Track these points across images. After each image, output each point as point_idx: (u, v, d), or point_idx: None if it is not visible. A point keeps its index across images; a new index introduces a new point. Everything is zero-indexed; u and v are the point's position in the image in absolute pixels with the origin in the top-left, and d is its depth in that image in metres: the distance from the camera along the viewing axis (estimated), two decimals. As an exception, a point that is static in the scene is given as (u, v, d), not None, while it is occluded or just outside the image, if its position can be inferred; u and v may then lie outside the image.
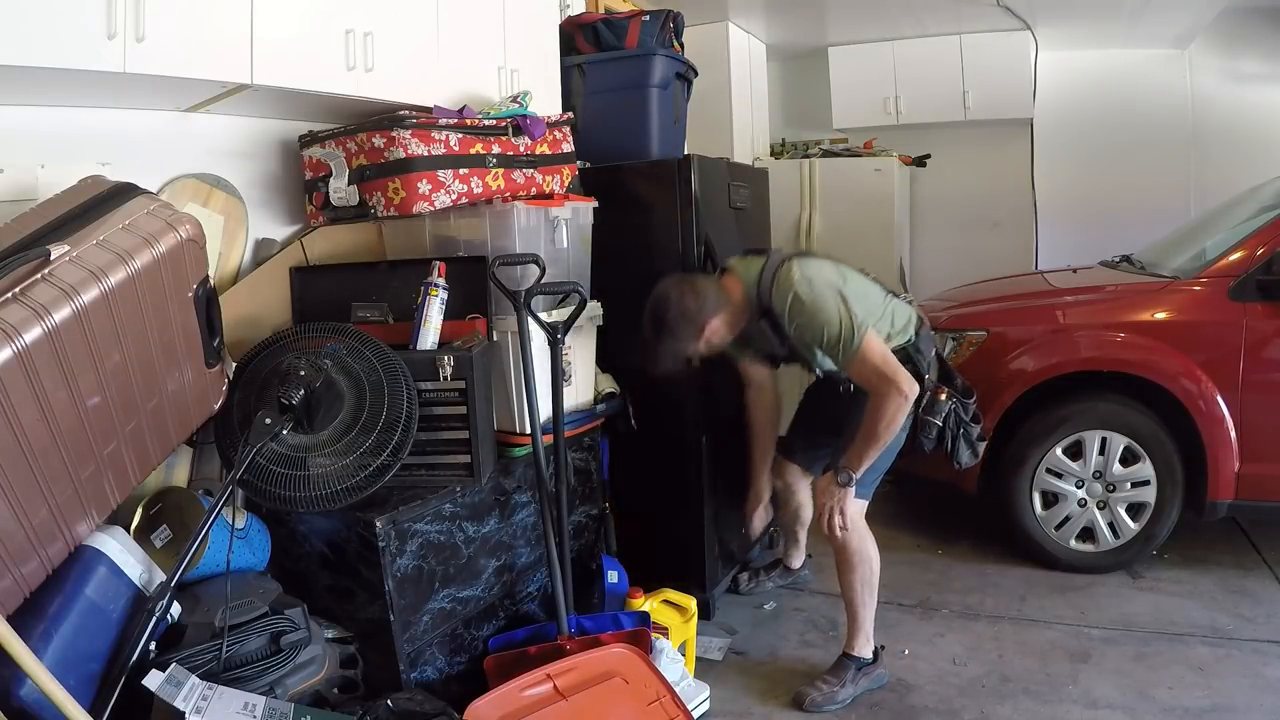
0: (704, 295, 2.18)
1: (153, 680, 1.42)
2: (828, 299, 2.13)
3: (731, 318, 2.24)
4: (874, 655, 2.34)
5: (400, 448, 1.83)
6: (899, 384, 2.09)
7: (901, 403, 2.10)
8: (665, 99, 2.83)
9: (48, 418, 1.35)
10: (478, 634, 2.12)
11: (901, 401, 2.10)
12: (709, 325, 2.19)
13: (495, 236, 2.25)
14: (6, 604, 1.37)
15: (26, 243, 1.44)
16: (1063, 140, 4.84)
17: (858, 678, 2.29)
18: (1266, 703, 2.18)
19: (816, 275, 2.18)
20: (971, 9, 4.27)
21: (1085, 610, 2.72)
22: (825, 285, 2.16)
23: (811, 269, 2.21)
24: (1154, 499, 2.88)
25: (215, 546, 1.75)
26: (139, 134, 2.00)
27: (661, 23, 2.84)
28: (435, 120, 2.15)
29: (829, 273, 2.22)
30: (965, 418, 2.31)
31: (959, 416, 2.29)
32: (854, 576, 2.29)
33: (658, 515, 2.69)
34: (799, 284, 2.15)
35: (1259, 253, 2.79)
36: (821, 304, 2.13)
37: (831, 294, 2.14)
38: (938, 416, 2.25)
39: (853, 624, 2.33)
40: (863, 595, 2.30)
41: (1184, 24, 4.36)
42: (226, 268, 2.18)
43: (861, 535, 2.29)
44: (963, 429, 2.30)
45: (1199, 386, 2.79)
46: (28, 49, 1.48)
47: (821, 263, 2.27)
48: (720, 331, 2.23)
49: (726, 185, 2.80)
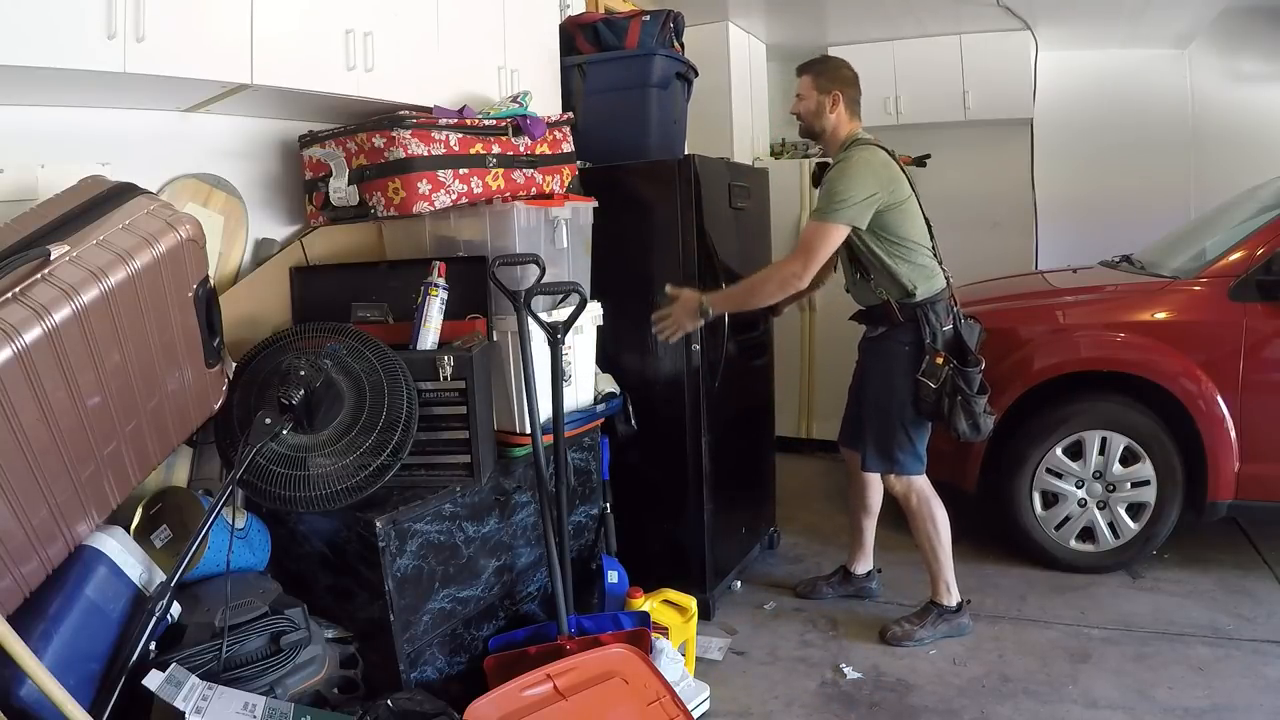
0: (855, 90, 2.50)
1: (153, 680, 1.42)
2: (864, 173, 2.32)
3: (840, 118, 2.48)
4: (958, 606, 2.56)
5: (400, 448, 1.83)
6: (805, 260, 2.31)
7: (791, 273, 2.33)
8: (665, 99, 2.83)
9: (48, 418, 1.35)
10: (478, 634, 2.12)
11: (792, 271, 2.33)
12: (840, 93, 2.46)
13: (495, 236, 2.25)
14: (6, 604, 1.36)
15: (26, 243, 1.44)
16: (1063, 140, 4.84)
17: (938, 622, 2.54)
18: (1266, 703, 2.18)
19: (874, 160, 2.37)
20: (971, 9, 4.27)
21: (1085, 610, 2.72)
22: (869, 169, 2.33)
23: (880, 159, 2.38)
24: (1154, 499, 2.88)
25: (215, 546, 1.75)
26: (139, 134, 2.00)
27: (662, 23, 2.84)
28: (435, 120, 2.15)
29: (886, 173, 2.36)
30: (965, 387, 2.33)
31: (956, 384, 2.33)
32: (919, 534, 2.55)
33: (658, 515, 2.69)
34: (862, 151, 2.38)
35: (1259, 253, 2.79)
36: (853, 171, 2.33)
37: (869, 175, 2.32)
38: (933, 379, 2.35)
39: (931, 574, 2.57)
40: (933, 548, 2.53)
41: (1184, 24, 4.36)
42: (226, 268, 2.18)
43: (922, 498, 2.50)
44: (960, 397, 2.34)
45: (1199, 386, 2.79)
46: (28, 49, 1.48)
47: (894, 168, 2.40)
48: (835, 110, 2.47)
49: (727, 185, 2.80)
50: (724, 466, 2.73)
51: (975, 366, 2.36)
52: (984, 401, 2.37)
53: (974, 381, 2.34)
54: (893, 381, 2.44)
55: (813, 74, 2.51)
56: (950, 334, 2.39)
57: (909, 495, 2.51)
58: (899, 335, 2.42)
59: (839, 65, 2.52)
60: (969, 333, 2.42)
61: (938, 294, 2.41)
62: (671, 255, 2.58)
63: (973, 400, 2.34)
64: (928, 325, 2.37)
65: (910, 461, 2.47)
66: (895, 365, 2.43)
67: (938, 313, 2.38)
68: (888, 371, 2.46)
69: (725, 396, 2.70)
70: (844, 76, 2.50)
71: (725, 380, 2.67)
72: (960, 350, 2.38)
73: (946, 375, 2.34)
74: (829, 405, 4.58)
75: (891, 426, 2.46)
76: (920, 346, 2.38)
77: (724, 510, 2.76)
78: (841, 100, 2.47)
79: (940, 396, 2.35)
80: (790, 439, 4.49)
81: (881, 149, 2.41)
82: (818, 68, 2.52)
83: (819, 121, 2.50)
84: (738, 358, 2.83)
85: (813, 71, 2.51)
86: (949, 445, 2.74)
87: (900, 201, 2.36)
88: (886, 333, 2.46)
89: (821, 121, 2.50)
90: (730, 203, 2.81)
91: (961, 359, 2.36)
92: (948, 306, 2.42)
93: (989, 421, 2.40)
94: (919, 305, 2.38)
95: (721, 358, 2.65)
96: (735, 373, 2.77)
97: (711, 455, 2.65)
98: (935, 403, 2.36)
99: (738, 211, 2.87)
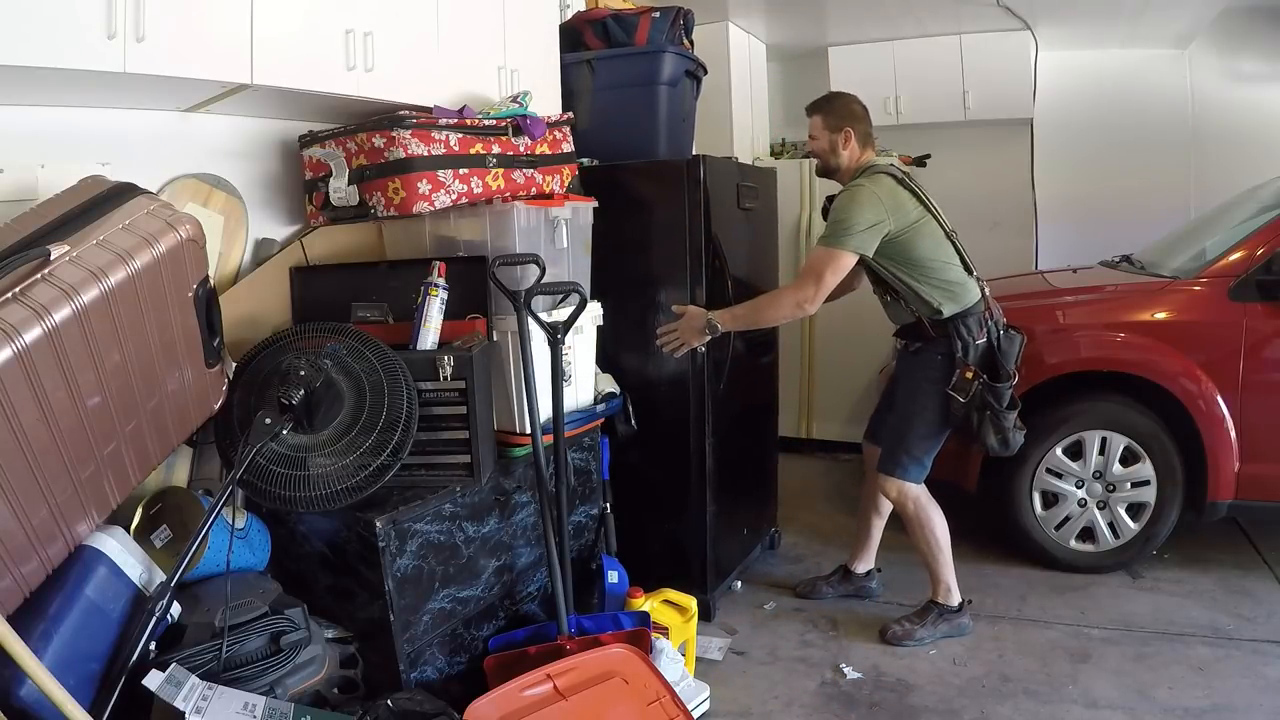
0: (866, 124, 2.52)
1: (153, 680, 1.42)
2: (867, 202, 2.32)
3: (852, 153, 2.50)
4: (959, 606, 2.57)
5: (400, 448, 1.83)
6: (808, 291, 2.33)
7: (794, 304, 2.36)
8: (674, 96, 2.82)
9: (48, 418, 1.35)
10: (478, 634, 2.12)
11: (795, 302, 2.36)
12: (851, 129, 2.48)
13: (495, 236, 2.25)
14: (6, 604, 1.36)
15: (26, 243, 1.44)
16: (1063, 140, 4.83)
17: (938, 622, 2.55)
18: (1266, 703, 2.18)
19: (880, 188, 2.36)
20: (971, 9, 4.27)
21: (1085, 610, 2.72)
22: (874, 198, 2.33)
23: (885, 187, 2.36)
24: (1154, 499, 2.88)
25: (215, 546, 1.75)
26: (139, 134, 2.00)
27: (672, 20, 2.83)
28: (435, 120, 2.15)
29: (892, 200, 2.35)
30: (994, 402, 2.35)
31: (985, 399, 2.35)
32: (918, 541, 2.56)
33: (658, 515, 2.69)
34: (866, 180, 2.38)
35: (1259, 253, 2.79)
36: (858, 200, 2.33)
37: (873, 204, 2.32)
38: (962, 394, 2.36)
39: (931, 575, 2.59)
40: (931, 551, 2.55)
41: (1184, 24, 4.36)
42: (226, 268, 2.18)
43: (919, 505, 2.51)
44: (989, 412, 2.36)
45: (1199, 386, 2.79)
46: (28, 49, 1.48)
47: (900, 195, 2.38)
48: (847, 146, 2.49)
49: (736, 186, 2.79)
50: (727, 466, 2.73)
51: (1006, 382, 2.36)
52: (1014, 417, 2.38)
53: (1004, 397, 2.36)
54: (920, 391, 2.46)
55: (822, 114, 2.53)
56: (983, 347, 2.39)
57: (905, 502, 2.52)
58: (931, 349, 2.44)
59: (848, 101, 2.54)
60: (1009, 344, 2.41)
61: (969, 308, 2.40)
62: (679, 256, 2.57)
63: (1002, 415, 2.35)
64: (959, 339, 2.37)
65: (913, 469, 2.48)
66: (925, 376, 2.45)
67: (969, 327, 2.38)
68: (918, 381, 2.48)
69: (730, 396, 2.70)
70: (853, 112, 2.51)
71: (730, 379, 2.67)
72: (992, 364, 2.39)
73: (976, 390, 2.35)
74: (829, 405, 4.59)
75: (906, 433, 2.48)
76: (951, 360, 2.38)
77: (726, 510, 2.76)
78: (854, 136, 2.49)
79: (969, 411, 2.36)
80: (791, 439, 4.49)
81: (891, 176, 2.41)
82: (826, 107, 2.53)
83: (833, 159, 2.53)
84: (743, 357, 2.83)
85: (822, 112, 2.53)
86: (950, 445, 2.74)
87: (911, 225, 2.35)
88: (922, 347, 2.48)
89: (836, 159, 2.52)
90: (738, 203, 2.80)
91: (993, 374, 2.37)
92: (980, 320, 2.40)
93: (1019, 437, 2.42)
94: (949, 321, 2.39)
95: (728, 358, 2.65)
96: (740, 371, 2.77)
97: (715, 455, 2.65)
98: (965, 417, 2.38)
99: (746, 212, 2.86)
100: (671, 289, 2.59)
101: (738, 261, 2.71)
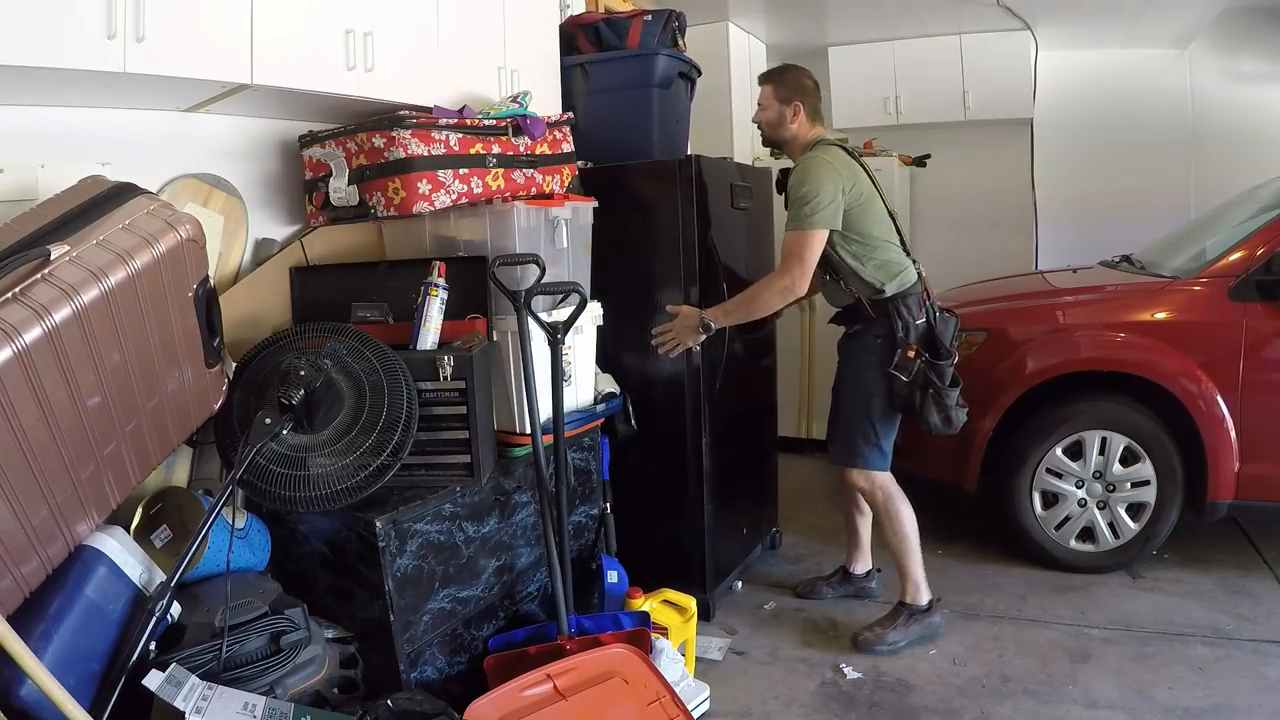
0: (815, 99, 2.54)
1: (153, 680, 1.42)
2: (824, 174, 2.34)
3: (801, 126, 2.52)
4: (928, 605, 2.51)
5: (400, 448, 1.83)
6: (793, 274, 2.34)
7: (781, 289, 2.36)
8: (668, 98, 2.83)
9: (48, 418, 1.35)
10: (478, 634, 2.12)
11: (782, 287, 2.36)
12: (801, 102, 2.50)
13: (495, 236, 2.25)
14: (6, 604, 1.36)
15: (26, 243, 1.44)
16: (1063, 140, 4.84)
17: (909, 623, 2.49)
18: (1266, 703, 2.18)
19: (835, 159, 2.38)
20: (971, 9, 4.27)
21: (1085, 610, 2.72)
22: (829, 169, 2.35)
23: (840, 159, 2.39)
24: (1154, 499, 2.88)
25: (215, 546, 1.75)
26: (139, 134, 2.00)
27: (664, 22, 2.84)
28: (435, 120, 2.15)
29: (848, 170, 2.38)
30: (937, 380, 2.36)
31: (928, 378, 2.36)
32: (886, 533, 2.53)
33: (658, 515, 2.69)
34: (819, 152, 2.40)
35: (1259, 253, 2.79)
36: (814, 174, 2.34)
37: (830, 175, 2.33)
38: (905, 373, 2.37)
39: (900, 574, 2.54)
40: (900, 548, 2.50)
41: (1184, 24, 4.36)
42: (226, 268, 2.18)
43: (887, 494, 2.50)
44: (932, 390, 2.36)
45: (1199, 386, 2.79)
46: (28, 49, 1.48)
47: (854, 167, 2.41)
48: (796, 119, 2.50)
49: (730, 186, 2.80)
50: (725, 466, 2.73)
51: (947, 360, 2.37)
52: (956, 394, 2.39)
53: (946, 374, 2.37)
54: (864, 374, 2.46)
55: (773, 84, 2.54)
56: (923, 327, 2.40)
57: (873, 491, 2.51)
58: (872, 330, 2.45)
59: (800, 74, 2.55)
60: (944, 325, 2.42)
61: (909, 288, 2.42)
62: (673, 255, 2.58)
63: (944, 393, 2.36)
64: (899, 319, 2.39)
65: (874, 456, 2.48)
66: (867, 359, 2.46)
67: (909, 307, 2.40)
68: (860, 365, 2.48)
69: (727, 396, 2.70)
70: (804, 86, 2.52)
71: (728, 380, 2.67)
72: (933, 343, 2.40)
73: (918, 369, 2.36)
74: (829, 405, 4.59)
75: (857, 419, 2.49)
76: (892, 341, 2.39)
77: (726, 510, 2.76)
78: (803, 110, 2.50)
79: (913, 390, 2.37)
80: (791, 439, 4.49)
81: (841, 148, 2.44)
82: (778, 78, 2.54)
83: (781, 131, 2.54)
84: (742, 358, 2.83)
85: (774, 82, 2.54)
86: (950, 445, 2.74)
87: (861, 199, 2.38)
88: (861, 329, 2.49)
89: (783, 131, 2.54)
90: (733, 203, 2.81)
91: (934, 352, 2.38)
92: (920, 300, 2.43)
93: (961, 415, 2.41)
94: (890, 301, 2.40)
95: (723, 358, 2.65)
96: (738, 373, 2.77)
97: (714, 455, 2.65)
98: (908, 396, 2.38)
99: (740, 211, 2.87)
100: (668, 288, 2.59)
101: (732, 260, 2.71)
